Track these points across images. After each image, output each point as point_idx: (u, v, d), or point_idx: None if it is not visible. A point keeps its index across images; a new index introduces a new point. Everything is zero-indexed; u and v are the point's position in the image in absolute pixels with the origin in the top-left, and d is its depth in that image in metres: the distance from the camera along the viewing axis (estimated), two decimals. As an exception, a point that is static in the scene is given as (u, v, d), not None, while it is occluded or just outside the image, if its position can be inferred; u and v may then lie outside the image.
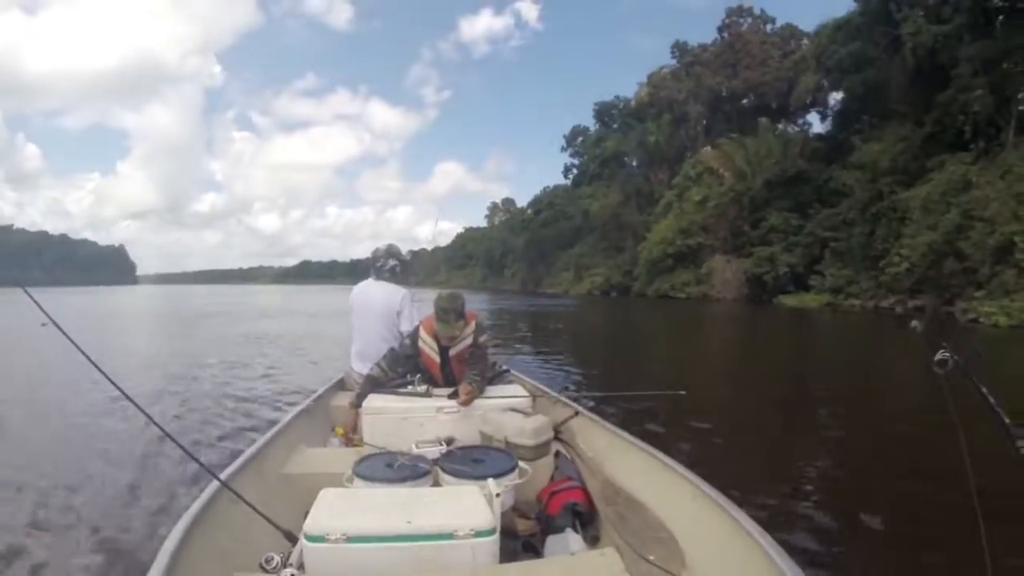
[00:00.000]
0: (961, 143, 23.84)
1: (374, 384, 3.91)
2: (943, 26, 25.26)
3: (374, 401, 3.83)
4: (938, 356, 1.61)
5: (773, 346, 17.46)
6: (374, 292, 4.68)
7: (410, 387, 3.92)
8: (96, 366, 2.18)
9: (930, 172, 24.32)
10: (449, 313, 3.78)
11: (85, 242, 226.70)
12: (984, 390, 1.58)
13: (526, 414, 3.50)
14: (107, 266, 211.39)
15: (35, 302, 2.19)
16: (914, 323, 1.85)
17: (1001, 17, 24.13)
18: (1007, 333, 15.85)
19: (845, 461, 6.05)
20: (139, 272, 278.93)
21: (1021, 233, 18.14)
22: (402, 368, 4.05)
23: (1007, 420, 1.49)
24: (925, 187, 23.74)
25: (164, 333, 23.05)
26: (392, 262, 4.77)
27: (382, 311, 4.61)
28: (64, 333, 2.13)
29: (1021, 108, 22.12)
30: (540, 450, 3.29)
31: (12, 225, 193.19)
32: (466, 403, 3.62)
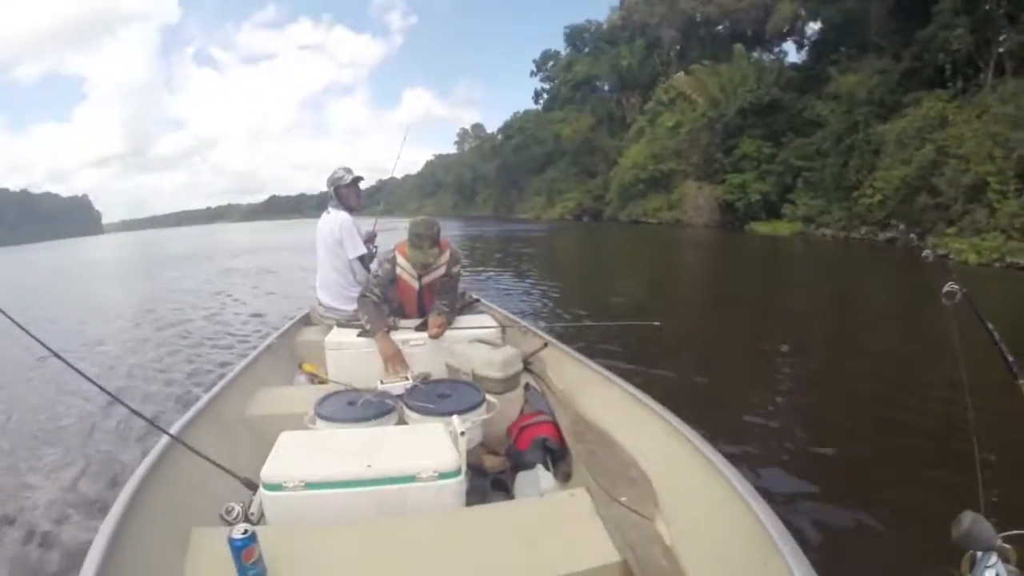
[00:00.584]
0: (939, 80, 24.32)
1: (376, 312, 3.71)
2: (925, -42, 25.28)
3: (337, 336, 3.75)
4: (946, 288, 1.70)
5: (748, 274, 17.91)
6: (322, 223, 4.56)
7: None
8: (21, 327, 2.02)
9: (906, 107, 24.76)
10: (423, 239, 3.67)
11: (47, 195, 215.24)
12: (990, 326, 1.68)
13: (495, 345, 3.40)
14: (71, 217, 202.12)
15: None
16: (926, 252, 1.94)
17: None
18: (976, 270, 16.39)
19: (826, 395, 5.97)
20: (105, 220, 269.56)
21: (995, 174, 18.62)
22: (389, 293, 3.94)
23: (1010, 358, 1.58)
24: (901, 121, 24.20)
25: (125, 283, 22.56)
26: (330, 188, 4.55)
27: (327, 240, 4.48)
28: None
29: (1001, 50, 22.51)
30: (509, 383, 3.19)
31: None
32: (437, 336, 3.56)
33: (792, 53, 44.28)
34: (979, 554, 1.24)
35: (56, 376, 6.92)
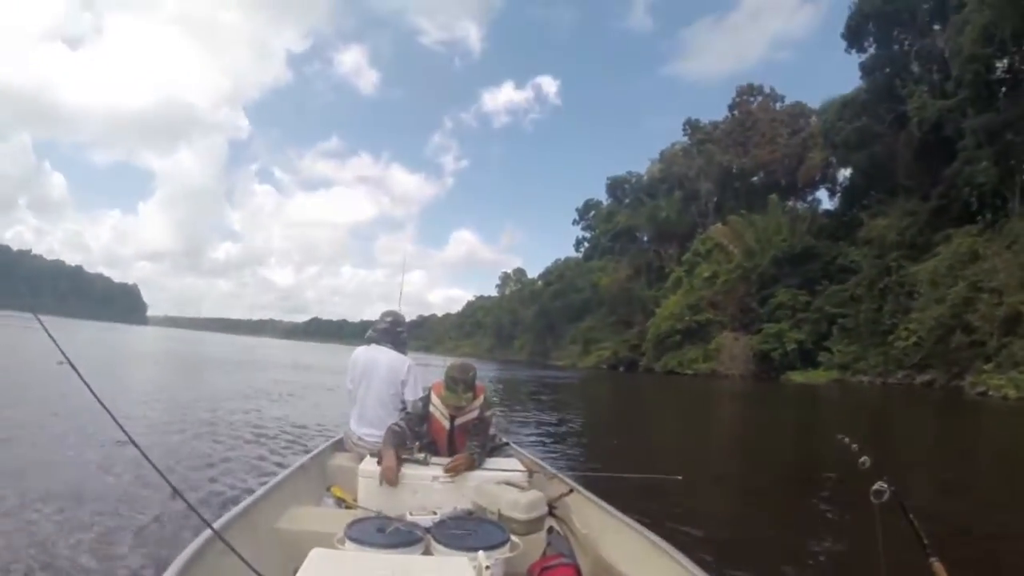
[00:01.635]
0: (968, 215, 23.84)
1: (397, 439, 3.76)
2: (947, 100, 25.47)
3: (371, 464, 3.76)
4: (875, 487, 1.79)
5: (778, 426, 16.88)
6: (378, 358, 4.58)
7: (410, 453, 3.86)
8: (105, 407, 2.15)
9: (937, 246, 24.13)
10: (459, 383, 3.72)
11: (100, 276, 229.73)
12: (912, 516, 1.79)
13: (521, 488, 3.46)
14: (119, 303, 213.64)
15: (50, 336, 2.18)
16: (863, 459, 1.97)
17: (1004, 89, 24.32)
18: (1016, 405, 15.42)
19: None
20: (150, 312, 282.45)
21: None
22: (419, 429, 3.98)
23: (927, 541, 1.70)
24: (932, 261, 23.54)
25: (178, 377, 23.26)
26: (398, 329, 4.74)
27: (386, 377, 4.53)
28: (79, 374, 2.08)
29: None
30: (533, 525, 3.21)
31: (31, 251, 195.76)
32: (454, 472, 3.54)
33: (825, 200, 44.32)
34: None
35: (114, 451, 7.30)
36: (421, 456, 3.83)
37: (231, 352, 46.60)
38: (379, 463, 3.67)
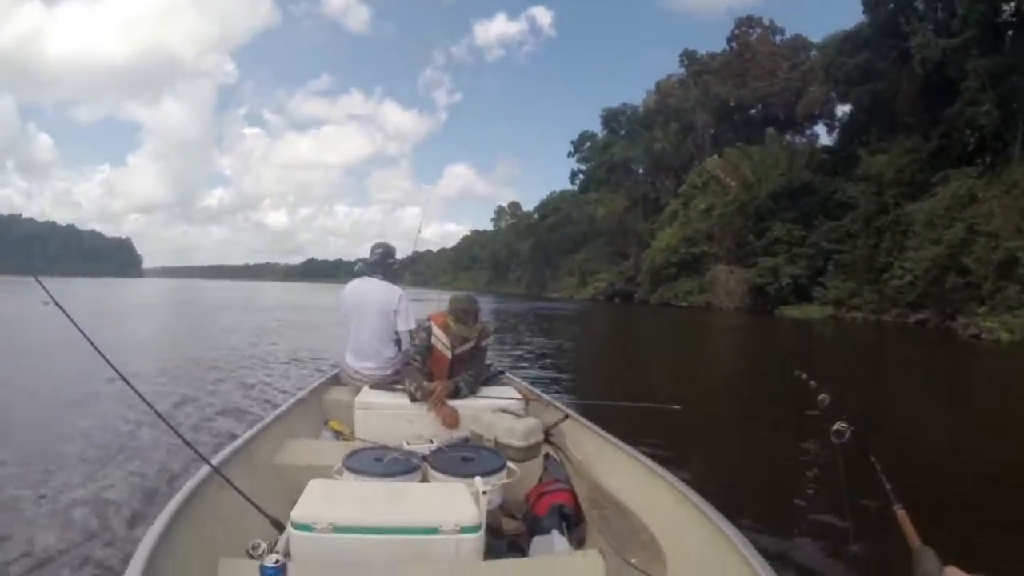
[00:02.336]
0: (967, 157, 23.78)
1: (422, 375, 3.89)
2: (952, 39, 25.18)
3: (368, 396, 3.91)
4: (835, 427, 1.79)
5: (774, 359, 17.09)
6: (369, 290, 4.63)
7: (405, 383, 3.92)
8: (96, 348, 2.25)
9: (935, 186, 24.20)
10: (469, 315, 3.84)
11: (92, 233, 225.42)
12: (873, 458, 1.77)
13: (517, 416, 3.52)
14: (113, 258, 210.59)
15: (46, 291, 2.23)
16: (822, 396, 1.99)
17: (1010, 32, 24.13)
18: (1008, 349, 15.73)
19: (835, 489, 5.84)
20: (145, 265, 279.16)
21: None
22: (424, 361, 4.05)
23: (889, 486, 1.66)
24: (930, 201, 23.65)
25: (174, 322, 23.53)
26: (388, 260, 4.76)
27: (378, 309, 4.57)
28: (68, 316, 2.22)
29: None
30: (529, 452, 3.30)
31: (20, 214, 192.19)
32: (439, 402, 3.62)
33: (824, 135, 44.09)
34: None
35: (118, 396, 7.34)
36: (414, 386, 3.92)
37: (231, 298, 46.77)
38: (418, 398, 3.75)
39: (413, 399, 3.78)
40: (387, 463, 2.75)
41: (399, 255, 4.93)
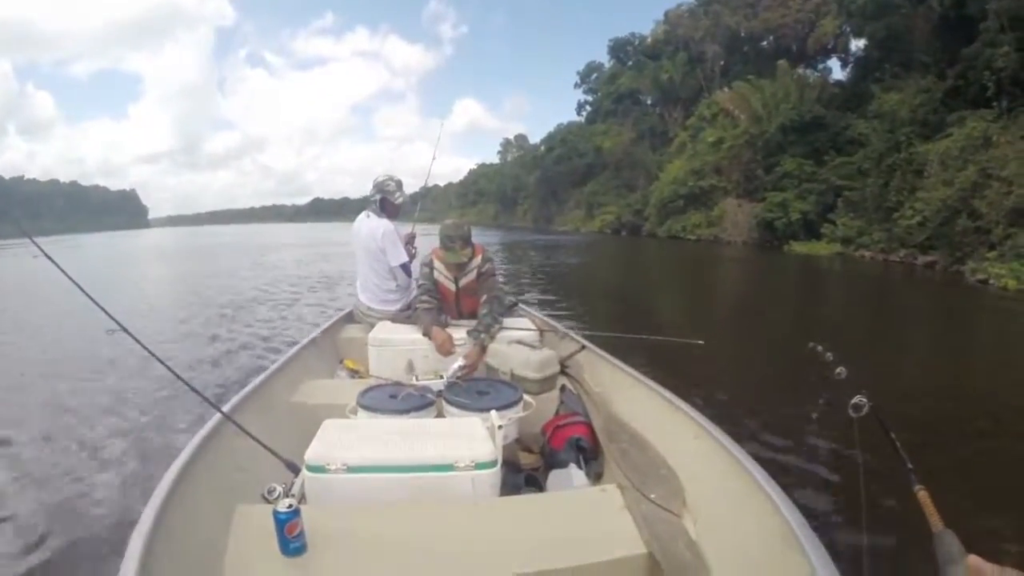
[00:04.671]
0: (984, 100, 23.45)
1: (431, 316, 3.86)
2: (972, -25, 24.56)
3: (380, 332, 3.95)
4: (854, 400, 1.81)
5: (787, 296, 17.67)
6: (362, 227, 4.70)
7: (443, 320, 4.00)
8: (95, 301, 2.24)
9: (950, 127, 24.00)
10: (455, 240, 3.76)
11: (96, 188, 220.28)
12: (893, 436, 1.78)
13: (533, 347, 3.58)
14: (119, 210, 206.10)
15: (36, 244, 2.26)
16: (839, 370, 2.04)
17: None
18: (1015, 295, 15.83)
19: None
20: (151, 215, 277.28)
21: None
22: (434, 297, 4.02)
23: (910, 465, 1.65)
24: (944, 142, 23.47)
25: (175, 269, 23.96)
26: (376, 195, 4.74)
27: (367, 246, 4.65)
28: (58, 266, 2.23)
29: None
30: (545, 384, 3.36)
31: (23, 176, 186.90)
32: (471, 371, 3.47)
33: (836, 70, 43.65)
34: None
35: (123, 348, 7.29)
36: (442, 318, 3.99)
37: (240, 239, 46.92)
38: (429, 337, 3.74)
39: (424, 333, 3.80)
40: (401, 399, 2.82)
41: (409, 190, 4.91)
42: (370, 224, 4.68)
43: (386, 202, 4.73)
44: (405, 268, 4.70)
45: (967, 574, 1.14)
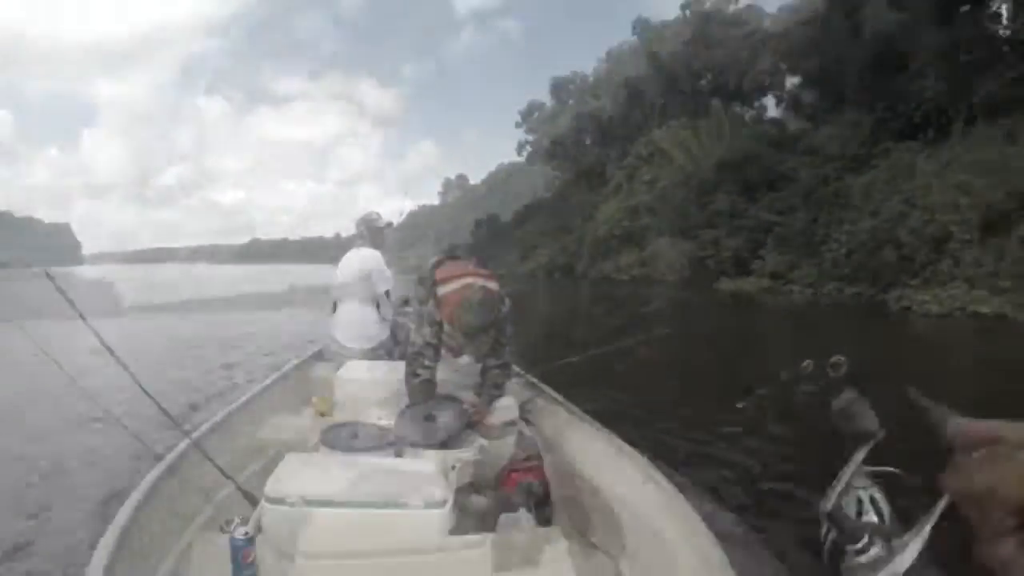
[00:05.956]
0: (911, 131, 23.74)
1: (425, 386, 3.33)
2: (903, 13, 25.00)
3: (347, 372, 3.94)
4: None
5: (707, 335, 16.90)
6: (351, 259, 4.80)
7: (387, 359, 4.20)
8: (81, 316, 2.50)
9: (876, 159, 24.18)
10: (481, 330, 3.19)
11: (29, 220, 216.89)
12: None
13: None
14: (51, 246, 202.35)
15: None
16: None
17: (963, 8, 24.00)
18: (935, 322, 15.98)
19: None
20: (85, 251, 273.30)
21: (958, 223, 17.97)
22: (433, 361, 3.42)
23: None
24: (870, 174, 23.61)
25: None
26: (363, 230, 4.95)
27: (357, 275, 4.71)
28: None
29: (974, 100, 21.76)
30: (503, 429, 3.38)
31: None
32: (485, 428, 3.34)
33: (772, 108, 43.98)
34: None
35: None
36: (396, 364, 3.93)
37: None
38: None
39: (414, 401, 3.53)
40: (362, 438, 2.86)
41: (345, 233, 4.40)
42: (361, 254, 4.79)
43: (375, 233, 4.93)
44: (388, 295, 4.83)
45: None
